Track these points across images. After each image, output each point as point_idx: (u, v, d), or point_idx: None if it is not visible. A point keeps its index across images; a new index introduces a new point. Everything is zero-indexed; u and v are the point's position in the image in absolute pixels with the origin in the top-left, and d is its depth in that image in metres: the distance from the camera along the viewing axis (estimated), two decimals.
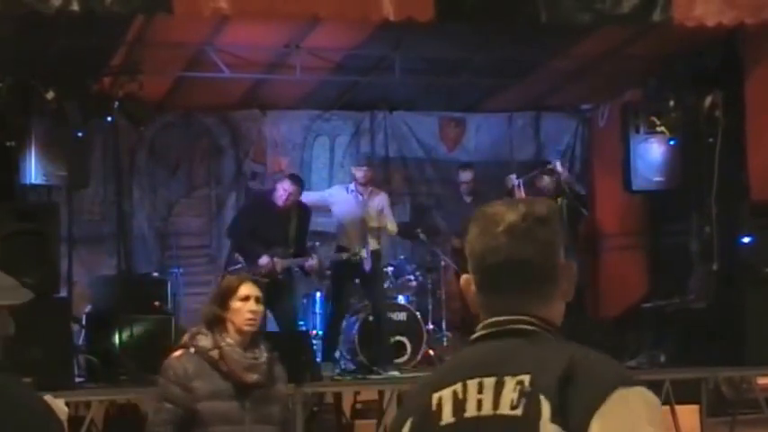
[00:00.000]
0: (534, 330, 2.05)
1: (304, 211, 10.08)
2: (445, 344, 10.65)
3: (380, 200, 10.52)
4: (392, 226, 10.58)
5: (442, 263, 11.17)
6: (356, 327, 10.24)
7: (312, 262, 9.97)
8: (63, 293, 9.08)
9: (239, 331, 4.71)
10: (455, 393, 2.02)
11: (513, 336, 2.04)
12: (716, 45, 9.86)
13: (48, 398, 2.88)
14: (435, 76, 10.94)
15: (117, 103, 9.79)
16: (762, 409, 8.77)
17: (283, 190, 9.88)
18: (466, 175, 11.16)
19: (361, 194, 10.33)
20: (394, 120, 12.23)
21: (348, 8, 8.30)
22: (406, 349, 10.28)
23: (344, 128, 12.17)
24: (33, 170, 9.26)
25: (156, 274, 10.92)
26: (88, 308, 9.91)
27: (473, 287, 2.10)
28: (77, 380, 8.69)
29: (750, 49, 9.66)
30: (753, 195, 9.46)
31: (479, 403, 2.00)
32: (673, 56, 10.41)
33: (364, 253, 10.09)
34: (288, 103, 11.77)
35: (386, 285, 10.72)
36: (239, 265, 9.83)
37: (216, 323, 4.72)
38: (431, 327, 10.56)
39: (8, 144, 9.34)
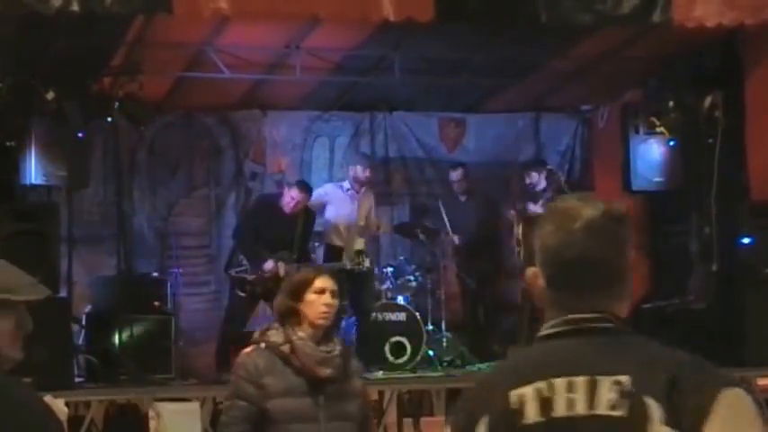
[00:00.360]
0: (616, 329, 2.04)
1: (309, 215, 10.10)
2: (444, 345, 10.65)
3: (370, 200, 10.61)
4: (384, 226, 10.78)
5: (442, 263, 11.17)
6: (355, 327, 10.24)
7: None
8: (63, 293, 9.10)
9: (313, 325, 4.53)
10: (539, 391, 1.99)
11: (595, 334, 2.02)
12: (716, 46, 9.86)
13: (47, 398, 2.88)
14: (435, 77, 10.95)
15: (117, 103, 9.80)
16: (762, 410, 8.77)
17: (291, 198, 9.90)
18: (455, 174, 11.23)
19: (356, 193, 10.41)
20: (394, 120, 12.23)
21: (348, 8, 8.30)
22: (405, 350, 10.28)
23: (344, 128, 12.17)
24: (33, 170, 9.27)
25: (155, 274, 10.93)
26: (88, 308, 9.92)
27: (541, 281, 2.08)
28: (77, 380, 8.72)
29: (750, 49, 9.67)
30: (752, 196, 9.46)
31: (571, 402, 1.96)
32: (672, 56, 10.42)
33: (367, 263, 10.12)
34: (288, 103, 11.78)
35: (385, 286, 10.72)
36: (243, 268, 9.85)
37: (289, 316, 4.55)
38: (430, 327, 10.55)
39: (8, 144, 9.35)
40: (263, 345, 4.54)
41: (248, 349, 4.58)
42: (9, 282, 2.79)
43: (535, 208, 10.70)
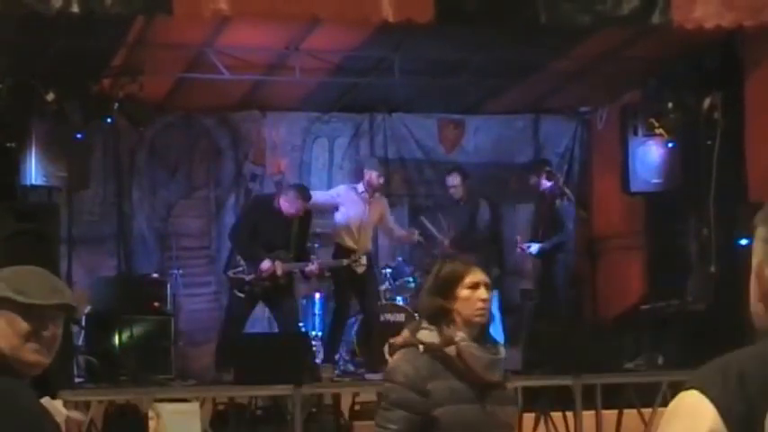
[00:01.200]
0: None
1: (306, 216, 10.10)
2: None
3: (382, 206, 10.63)
4: (398, 231, 10.74)
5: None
6: (355, 328, 10.26)
7: (312, 267, 10.00)
8: None
9: (468, 323, 4.06)
10: None
11: None
12: (715, 47, 9.86)
13: (45, 400, 2.90)
14: (434, 78, 10.95)
15: (117, 104, 9.82)
16: None
17: (290, 204, 9.88)
18: (451, 180, 11.10)
19: (369, 197, 10.41)
20: (393, 121, 12.24)
21: (348, 10, 8.30)
22: None
23: (344, 129, 12.18)
24: (33, 171, 9.29)
25: (155, 274, 10.93)
26: (88, 308, 9.92)
27: None
28: (77, 380, 8.71)
29: (749, 50, 9.67)
30: (751, 197, 9.46)
31: None
32: (672, 58, 10.42)
33: (364, 260, 10.14)
34: (287, 104, 11.79)
35: (384, 287, 10.74)
36: (240, 268, 9.85)
37: (440, 316, 4.07)
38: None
39: (8, 145, 9.37)
40: (420, 347, 4.05)
41: (402, 352, 4.12)
42: (25, 284, 2.82)
43: None
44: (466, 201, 11.10)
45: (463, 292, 4.07)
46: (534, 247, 10.93)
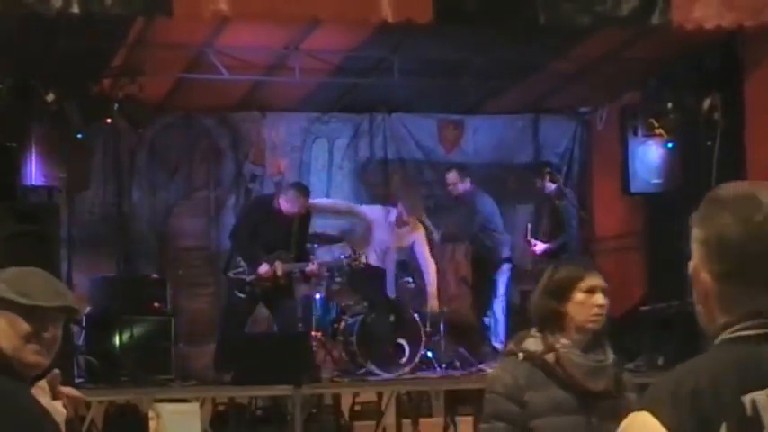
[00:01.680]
0: None
1: (306, 215, 10.10)
2: (443, 346, 10.65)
3: (413, 237, 10.67)
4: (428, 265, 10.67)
5: (441, 265, 11.17)
6: (356, 328, 10.24)
7: (312, 267, 10.00)
8: None
9: (581, 329, 3.90)
10: None
11: None
12: (715, 47, 9.86)
13: (45, 401, 2.90)
14: (434, 79, 10.95)
15: (117, 104, 9.81)
16: None
17: (291, 203, 9.88)
18: (450, 177, 11.14)
19: (398, 228, 10.56)
20: (393, 122, 12.24)
21: (347, 10, 8.31)
22: (404, 351, 10.29)
23: (343, 130, 12.18)
24: (34, 172, 9.29)
25: (155, 275, 10.94)
26: (88, 309, 9.92)
27: (704, 274, 1.95)
28: (77, 380, 8.71)
29: (749, 51, 9.67)
30: None
31: None
32: (671, 58, 10.42)
33: (363, 258, 10.15)
34: (287, 104, 11.79)
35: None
36: (240, 269, 9.86)
37: (552, 320, 3.91)
38: (429, 329, 10.55)
39: (9, 145, 9.37)
40: (520, 355, 3.90)
41: (500, 362, 4.05)
42: (28, 286, 2.83)
43: None
44: (464, 198, 11.10)
45: (579, 296, 3.92)
46: (540, 247, 10.98)
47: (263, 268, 9.69)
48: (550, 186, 10.99)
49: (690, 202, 2.11)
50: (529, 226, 11.22)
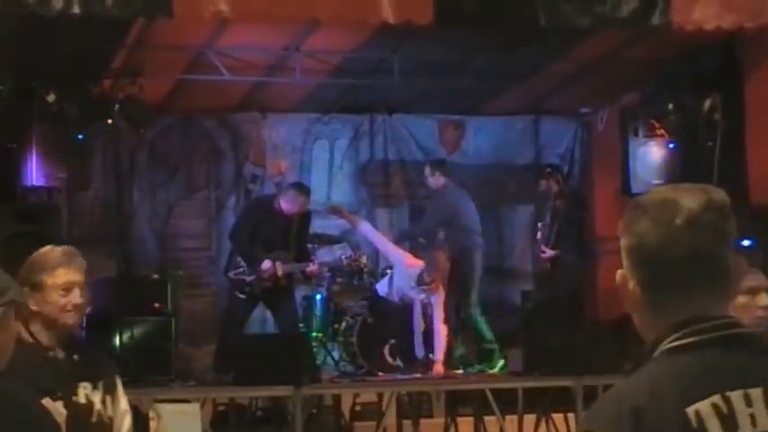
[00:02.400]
0: (750, 334, 1.90)
1: (306, 216, 10.10)
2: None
3: (432, 299, 9.95)
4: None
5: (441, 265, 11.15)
6: (356, 329, 10.24)
7: (313, 267, 10.00)
8: None
9: None
10: (716, 407, 1.82)
11: (740, 341, 1.88)
12: (715, 48, 9.87)
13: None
14: (434, 79, 10.95)
15: (117, 105, 9.80)
16: None
17: (291, 203, 9.87)
18: (426, 171, 10.77)
19: (417, 286, 9.91)
20: (393, 123, 12.24)
21: (347, 11, 8.31)
22: (405, 351, 10.30)
23: (344, 131, 12.18)
24: (34, 172, 9.29)
25: (155, 275, 10.93)
26: (88, 309, 9.91)
27: (632, 284, 1.93)
28: None
29: (749, 52, 9.68)
30: (752, 198, 9.46)
31: (753, 418, 1.82)
32: (672, 59, 10.43)
33: (364, 259, 10.14)
34: (287, 105, 11.79)
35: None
36: (241, 269, 9.86)
37: None
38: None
39: (9, 146, 9.37)
40: None
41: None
42: None
43: None
44: (437, 193, 10.85)
45: (740, 300, 3.61)
46: (548, 254, 10.79)
47: (266, 264, 9.69)
48: (554, 188, 10.93)
49: None
50: (539, 234, 11.05)
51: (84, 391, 3.91)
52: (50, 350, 3.92)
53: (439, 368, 9.81)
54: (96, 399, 3.94)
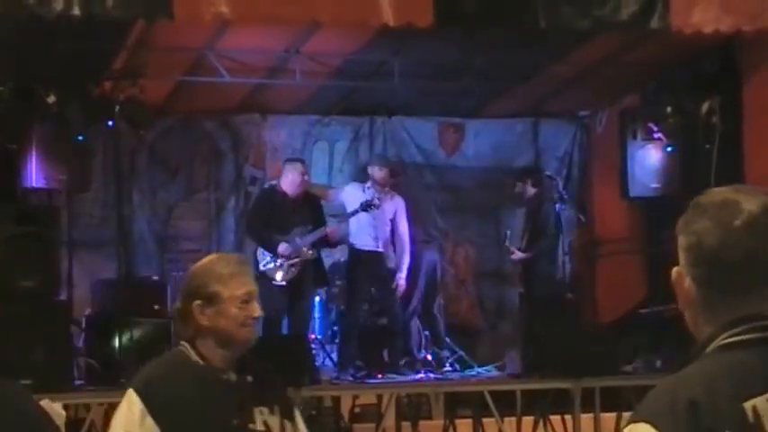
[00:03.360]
0: None
1: (313, 198, 10.08)
2: (443, 348, 10.67)
3: (394, 205, 10.31)
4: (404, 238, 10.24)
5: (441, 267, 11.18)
6: (355, 330, 10.27)
7: (331, 228, 9.91)
8: (63, 296, 9.12)
9: None
10: None
11: None
12: (714, 51, 9.88)
13: (45, 402, 2.91)
14: (434, 82, 10.96)
15: (118, 107, 9.81)
16: None
17: (288, 179, 9.86)
18: (380, 174, 10.38)
19: (376, 194, 10.10)
20: (393, 125, 12.25)
21: (348, 13, 8.31)
22: (404, 353, 10.32)
23: (344, 133, 12.19)
24: (34, 173, 9.29)
25: (156, 277, 10.95)
26: (88, 311, 9.93)
27: (688, 281, 1.97)
28: (77, 383, 8.72)
29: (747, 55, 9.69)
30: None
31: None
32: (671, 62, 10.44)
33: (377, 201, 9.95)
34: (288, 107, 11.80)
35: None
36: (267, 259, 9.73)
37: None
38: (426, 333, 10.58)
39: (9, 147, 9.38)
40: None
41: None
42: None
43: None
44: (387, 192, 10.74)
45: None
46: (517, 255, 10.70)
47: (282, 248, 9.64)
48: (530, 191, 10.82)
49: (689, 205, 2.11)
50: (507, 233, 11.05)
51: (262, 417, 3.51)
52: (223, 372, 3.53)
53: (402, 285, 9.78)
54: (275, 424, 3.53)
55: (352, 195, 10.34)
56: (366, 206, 9.90)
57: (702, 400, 1.82)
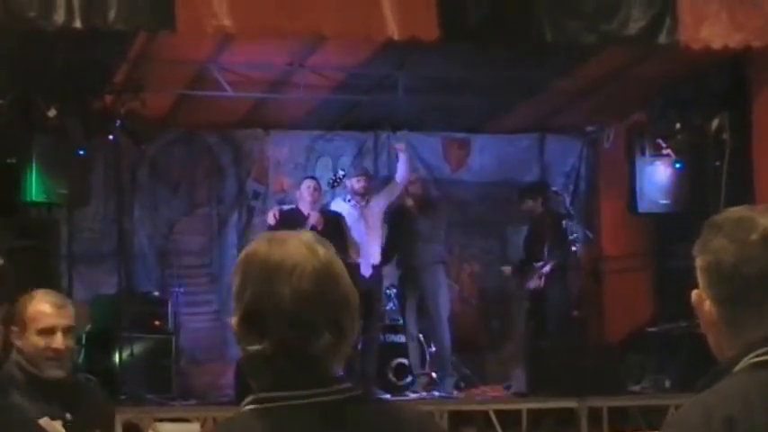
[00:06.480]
0: None
1: (335, 220, 9.83)
2: (448, 366, 10.55)
3: (380, 199, 10.25)
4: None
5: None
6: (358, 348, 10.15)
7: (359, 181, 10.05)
8: None
9: None
10: None
11: None
12: (722, 67, 9.81)
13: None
14: (439, 96, 10.89)
15: (119, 120, 9.76)
16: None
17: (302, 197, 9.73)
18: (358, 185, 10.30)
19: (358, 204, 10.09)
20: (397, 140, 12.14)
21: (352, 27, 8.25)
22: (408, 371, 10.21)
23: (347, 148, 12.12)
24: (34, 187, 9.23)
25: (156, 292, 10.87)
26: (88, 326, 9.85)
27: (708, 303, 1.97)
28: None
29: (756, 71, 9.62)
30: None
31: None
32: (679, 78, 10.36)
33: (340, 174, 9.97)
34: (291, 122, 11.73)
35: (388, 307, 10.63)
36: None
37: None
38: (433, 349, 10.45)
39: (9, 161, 9.32)
40: None
41: None
42: None
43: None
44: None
45: None
46: (533, 283, 10.55)
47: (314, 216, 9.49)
48: (536, 208, 10.69)
49: (698, 222, 2.08)
50: (506, 270, 10.87)
51: None
52: None
53: (354, 253, 9.70)
54: None
55: (340, 210, 10.23)
56: (332, 184, 10.27)
57: (738, 416, 1.82)
